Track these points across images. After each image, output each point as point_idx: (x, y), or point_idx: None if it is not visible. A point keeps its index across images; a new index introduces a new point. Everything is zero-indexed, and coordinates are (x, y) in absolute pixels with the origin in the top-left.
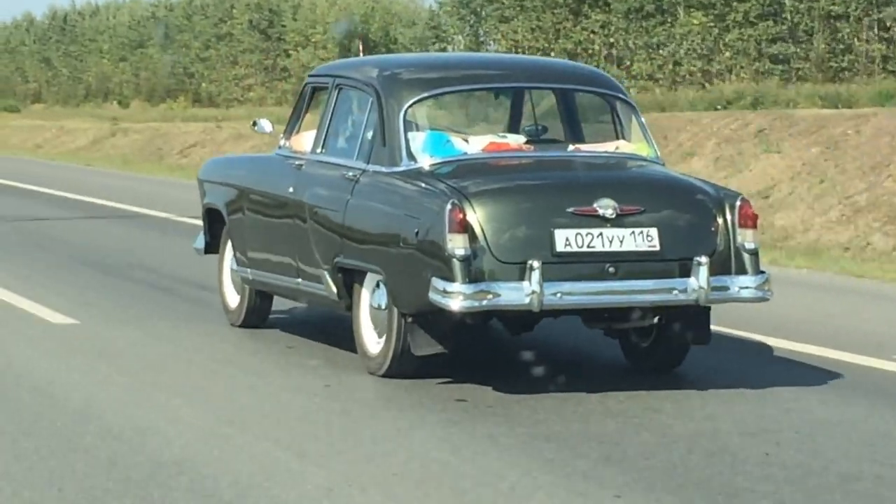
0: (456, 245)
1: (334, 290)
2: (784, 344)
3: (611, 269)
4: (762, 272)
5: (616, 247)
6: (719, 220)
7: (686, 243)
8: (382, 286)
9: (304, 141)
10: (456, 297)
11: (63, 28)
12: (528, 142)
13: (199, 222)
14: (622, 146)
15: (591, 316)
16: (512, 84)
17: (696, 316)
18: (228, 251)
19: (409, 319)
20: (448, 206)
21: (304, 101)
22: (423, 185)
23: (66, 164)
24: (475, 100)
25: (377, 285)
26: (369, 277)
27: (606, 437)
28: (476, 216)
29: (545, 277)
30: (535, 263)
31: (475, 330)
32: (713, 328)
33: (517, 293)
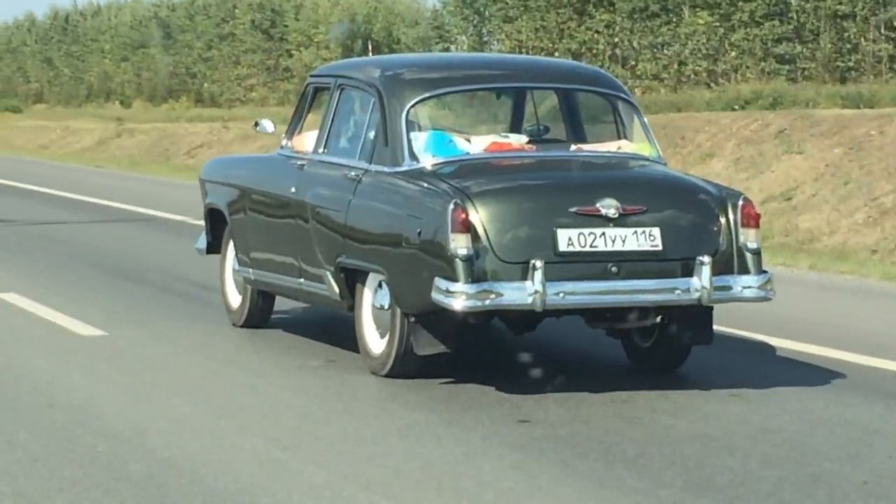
0: (458, 245)
1: (336, 290)
2: (787, 344)
3: (613, 269)
4: (765, 272)
5: (619, 246)
6: (722, 220)
7: (688, 243)
8: (385, 286)
9: (306, 141)
10: (459, 297)
11: (65, 28)
12: (530, 142)
13: None
14: (624, 146)
15: (594, 316)
16: (514, 84)
17: (698, 316)
18: (230, 251)
19: (412, 319)
20: (451, 206)
21: (306, 101)
22: (426, 185)
23: (73, 166)
24: (477, 100)
25: (379, 285)
26: (371, 277)
27: (608, 437)
28: (479, 216)
29: (548, 277)
30: (537, 263)
31: (477, 330)
32: (715, 328)
33: (520, 293)
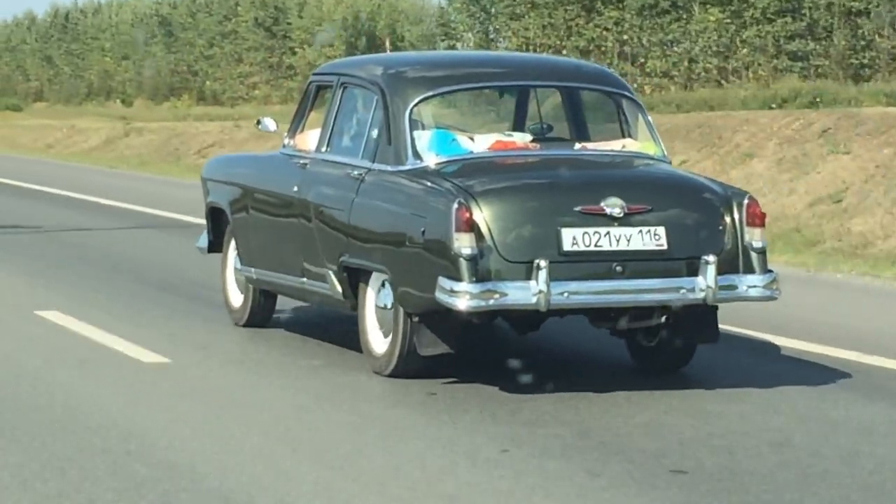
0: (462, 244)
1: (339, 289)
2: (793, 343)
3: (618, 269)
4: (770, 271)
5: (623, 246)
6: (727, 219)
7: (693, 242)
8: (388, 285)
9: (308, 139)
10: (462, 297)
11: (65, 26)
12: (534, 140)
13: None
14: (629, 144)
15: (598, 315)
16: (517, 82)
17: (703, 315)
18: (232, 250)
19: (415, 319)
20: (454, 205)
21: (309, 99)
22: (429, 183)
23: (84, 166)
24: (481, 98)
25: (383, 285)
26: (375, 277)
27: (611, 437)
28: (482, 215)
29: (552, 277)
30: (542, 263)
31: (481, 330)
32: (720, 327)
33: (524, 292)
